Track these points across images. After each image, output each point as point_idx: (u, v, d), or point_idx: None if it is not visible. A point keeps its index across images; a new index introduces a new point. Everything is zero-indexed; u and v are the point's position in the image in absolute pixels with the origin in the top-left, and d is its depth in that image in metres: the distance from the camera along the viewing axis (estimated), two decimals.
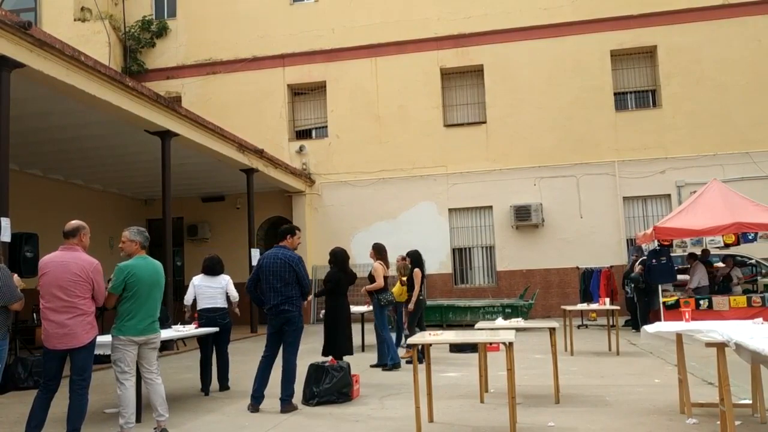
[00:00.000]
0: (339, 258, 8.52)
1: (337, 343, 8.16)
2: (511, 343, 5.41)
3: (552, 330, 6.99)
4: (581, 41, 18.52)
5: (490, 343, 8.37)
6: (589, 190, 18.05)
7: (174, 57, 21.25)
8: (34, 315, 12.77)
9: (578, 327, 14.38)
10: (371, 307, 9.97)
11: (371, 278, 9.57)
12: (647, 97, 18.84)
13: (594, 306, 11.91)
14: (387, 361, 9.37)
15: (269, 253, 6.89)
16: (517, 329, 6.80)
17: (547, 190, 18.24)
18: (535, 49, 18.74)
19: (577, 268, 16.57)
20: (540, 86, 18.61)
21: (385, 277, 9.68)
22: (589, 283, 15.54)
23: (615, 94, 18.48)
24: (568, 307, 11.26)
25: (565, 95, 18.45)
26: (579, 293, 15.98)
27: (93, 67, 9.81)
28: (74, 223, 5.42)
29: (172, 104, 12.62)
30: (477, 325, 7.48)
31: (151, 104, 11.65)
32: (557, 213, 18.17)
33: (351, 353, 8.30)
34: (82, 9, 21.04)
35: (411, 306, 10.00)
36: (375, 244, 10.14)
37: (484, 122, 18.99)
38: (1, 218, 8.08)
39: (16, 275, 5.37)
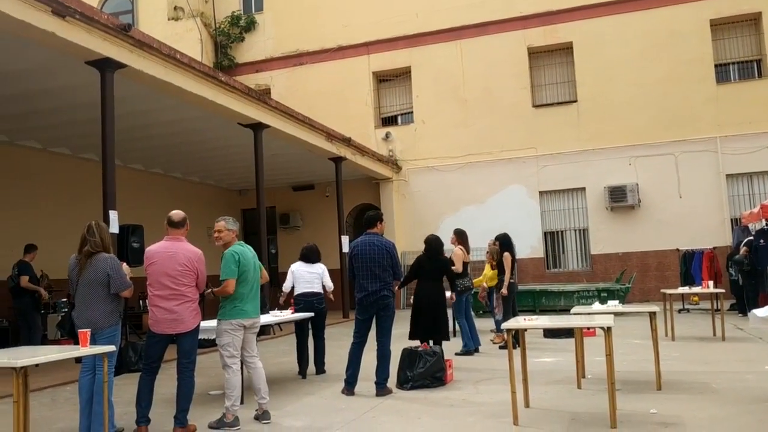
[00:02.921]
0: (429, 245, 8.39)
1: (418, 326, 8.10)
2: (609, 328, 5.25)
3: (652, 314, 6.73)
4: (677, 12, 17.59)
5: (588, 328, 8.16)
6: (689, 168, 17.19)
7: (262, 50, 21.81)
8: (140, 302, 13.48)
9: (679, 311, 13.80)
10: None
11: (451, 264, 9.51)
12: (751, 68, 17.71)
13: (696, 289, 11.37)
14: (470, 347, 9.38)
15: (363, 241, 6.95)
16: (615, 314, 6.59)
17: (643, 169, 17.50)
18: (627, 23, 17.96)
19: (677, 250, 15.86)
20: (633, 61, 17.83)
21: (465, 263, 9.61)
22: (690, 265, 14.85)
23: (716, 65, 17.47)
24: (669, 291, 10.79)
25: (660, 69, 17.60)
26: (680, 276, 15.31)
27: (188, 65, 10.21)
28: (180, 213, 5.67)
29: (262, 97, 12.96)
30: (573, 310, 7.31)
31: (243, 98, 12.02)
32: (654, 193, 17.42)
33: (423, 337, 7.95)
34: (175, 8, 21.94)
35: (504, 290, 9.89)
36: (456, 229, 10.13)
37: (575, 101, 18.42)
38: (110, 211, 8.57)
39: (124, 264, 5.68)
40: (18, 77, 9.75)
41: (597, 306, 7.52)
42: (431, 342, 7.84)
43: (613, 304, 7.60)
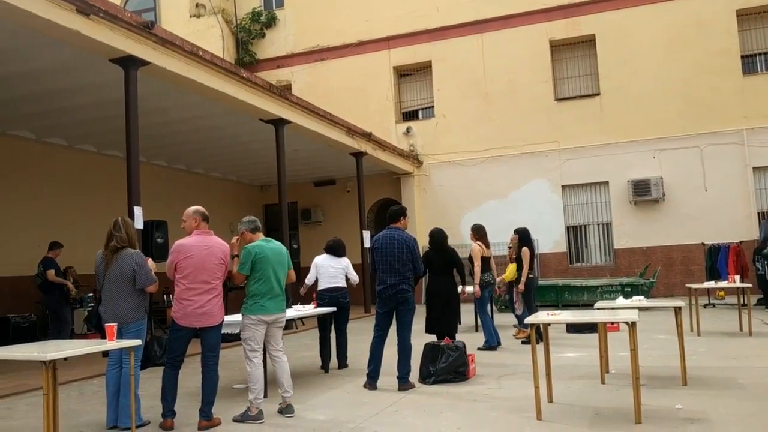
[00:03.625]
0: (432, 238, 8.23)
1: (428, 321, 8.05)
2: (634, 323, 5.21)
3: (677, 309, 6.65)
4: (702, 2, 17.29)
5: (611, 323, 8.08)
6: (714, 161, 16.94)
7: (283, 46, 21.87)
8: (165, 297, 13.65)
9: (704, 306, 13.63)
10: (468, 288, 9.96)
11: (470, 260, 9.49)
12: None
13: (722, 284, 11.22)
14: (493, 342, 9.35)
15: (384, 235, 6.96)
16: (639, 308, 6.52)
17: (668, 162, 17.29)
18: (651, 14, 17.72)
19: (703, 244, 15.65)
20: (657, 53, 17.60)
21: (484, 258, 9.57)
22: (716, 259, 14.62)
23: (742, 56, 17.16)
24: (694, 285, 10.66)
25: (685, 61, 17.35)
26: (705, 271, 15.10)
27: (210, 61, 10.28)
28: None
29: (284, 93, 13.01)
30: (596, 305, 7.25)
31: (264, 94, 12.07)
32: (679, 186, 17.21)
33: (434, 332, 7.84)
34: (197, 5, 22.09)
35: (521, 286, 9.82)
36: (473, 225, 10.07)
37: (598, 94, 18.23)
38: (135, 207, 8.67)
39: (149, 259, 5.75)
40: (43, 75, 9.90)
41: (621, 301, 7.45)
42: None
43: (638, 299, 7.52)
